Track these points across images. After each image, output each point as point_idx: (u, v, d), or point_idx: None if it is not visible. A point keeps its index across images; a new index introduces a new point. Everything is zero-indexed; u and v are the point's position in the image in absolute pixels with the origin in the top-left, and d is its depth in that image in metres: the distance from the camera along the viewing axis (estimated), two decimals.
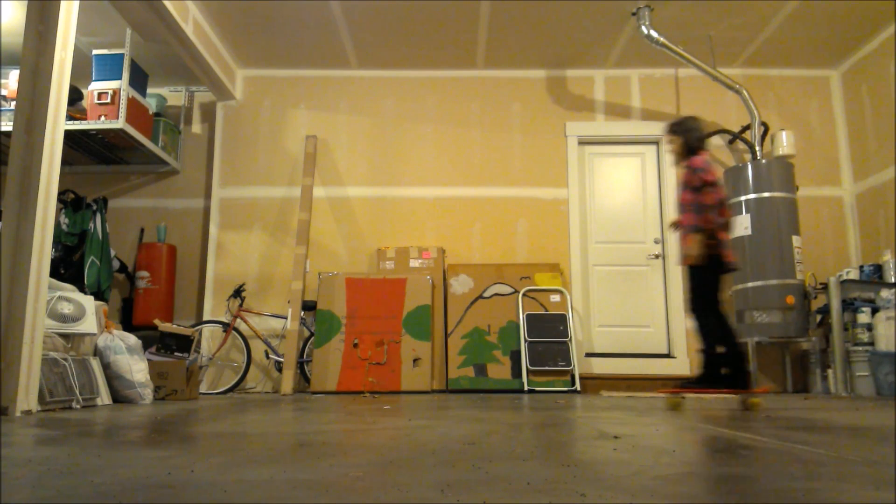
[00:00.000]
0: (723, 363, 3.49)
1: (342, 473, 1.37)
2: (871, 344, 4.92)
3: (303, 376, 5.67)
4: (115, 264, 6.06)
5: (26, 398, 3.09)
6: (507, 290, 5.74)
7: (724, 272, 3.57)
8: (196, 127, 6.65)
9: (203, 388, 5.74)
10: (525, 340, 5.50)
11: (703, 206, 3.50)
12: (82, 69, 5.69)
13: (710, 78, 5.82)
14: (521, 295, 5.68)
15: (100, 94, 5.50)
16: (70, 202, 5.97)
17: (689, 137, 3.71)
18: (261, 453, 1.71)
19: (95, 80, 5.57)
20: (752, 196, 5.52)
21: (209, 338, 5.92)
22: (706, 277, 3.54)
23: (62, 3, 3.40)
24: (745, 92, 5.70)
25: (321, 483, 1.26)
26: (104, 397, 3.91)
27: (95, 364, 3.92)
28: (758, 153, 5.68)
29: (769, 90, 6.31)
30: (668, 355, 5.97)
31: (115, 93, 5.50)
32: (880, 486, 1.22)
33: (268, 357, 5.82)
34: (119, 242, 6.28)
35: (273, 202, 6.24)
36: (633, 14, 5.43)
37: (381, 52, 6.11)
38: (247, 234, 6.18)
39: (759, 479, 1.29)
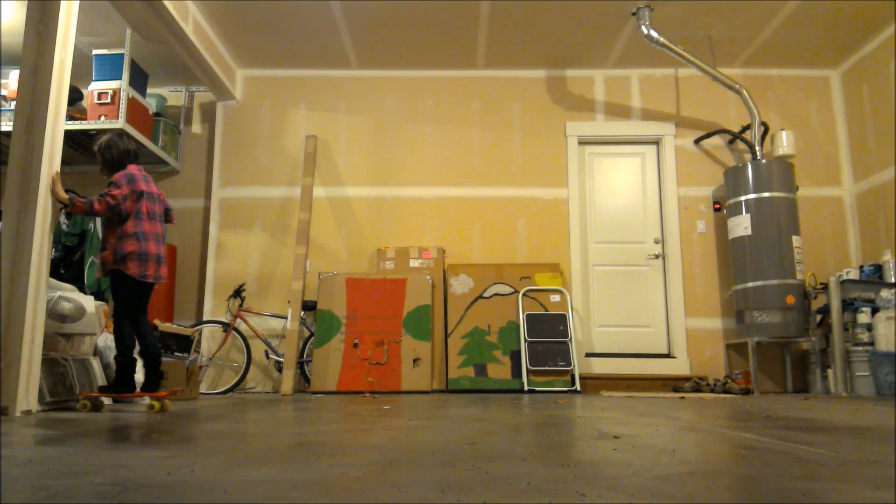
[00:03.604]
0: (128, 369, 3.53)
1: (342, 473, 1.37)
2: (871, 344, 4.92)
3: (303, 376, 5.67)
4: None
5: (26, 398, 3.09)
6: (507, 290, 5.74)
7: (136, 283, 3.57)
8: (196, 127, 6.65)
9: (203, 388, 5.74)
10: (525, 340, 5.50)
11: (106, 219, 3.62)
12: (82, 69, 5.70)
13: (710, 78, 5.82)
14: (521, 295, 5.68)
15: (100, 94, 5.50)
16: None
17: (106, 156, 3.71)
18: (261, 453, 1.71)
19: (95, 80, 5.56)
20: (752, 196, 5.53)
21: (209, 338, 5.92)
22: (115, 288, 3.59)
23: (62, 3, 3.40)
24: (745, 92, 5.70)
25: (321, 483, 1.26)
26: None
27: (95, 364, 3.92)
28: (758, 153, 5.68)
29: (769, 90, 6.31)
30: (668, 355, 5.97)
31: (115, 93, 5.50)
32: (880, 486, 1.22)
33: (268, 357, 5.82)
34: None
35: (273, 202, 6.24)
36: (633, 14, 5.43)
37: (381, 52, 6.11)
38: (247, 234, 6.18)
39: (760, 479, 1.29)
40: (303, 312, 5.71)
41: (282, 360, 5.56)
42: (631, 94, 6.37)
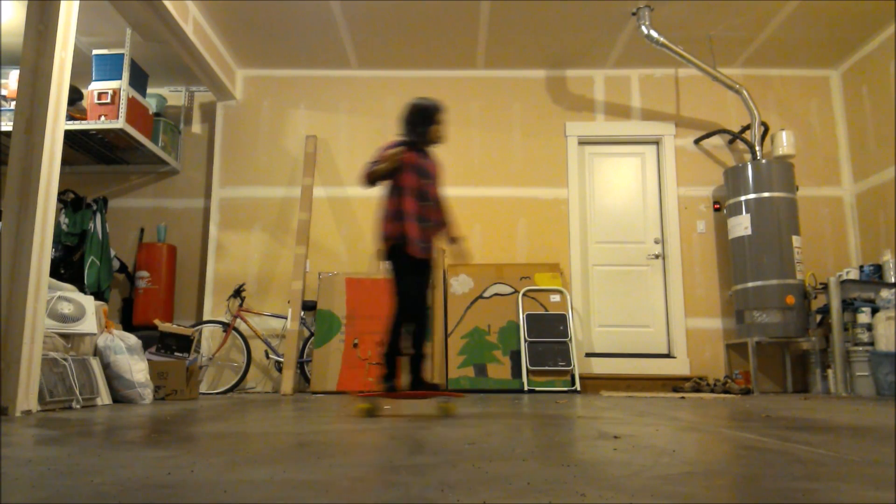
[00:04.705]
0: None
1: (342, 473, 1.37)
2: (871, 344, 4.92)
3: (303, 376, 5.67)
4: (115, 264, 6.06)
5: (26, 398, 3.09)
6: (507, 290, 5.74)
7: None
8: (196, 127, 6.65)
9: (203, 388, 5.74)
10: (525, 340, 5.50)
11: None
12: (82, 69, 5.69)
13: (710, 78, 5.82)
14: (521, 295, 5.68)
15: (100, 94, 5.50)
16: (70, 202, 5.97)
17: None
18: (261, 453, 1.71)
19: (95, 80, 5.56)
20: (752, 196, 5.52)
21: (209, 338, 5.92)
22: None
23: (62, 3, 3.40)
24: (745, 92, 5.70)
25: (321, 483, 1.26)
26: (104, 397, 3.90)
27: (95, 364, 3.92)
28: (758, 153, 5.68)
29: (769, 90, 6.30)
30: (668, 355, 5.96)
31: (115, 93, 5.50)
32: (880, 486, 1.22)
33: (268, 357, 5.82)
34: (119, 242, 6.28)
35: (273, 202, 6.24)
36: (633, 14, 5.43)
37: (381, 52, 6.11)
38: (247, 234, 6.18)
39: (760, 479, 1.29)
40: (303, 312, 5.70)
41: (282, 360, 5.56)
42: (631, 94, 6.37)
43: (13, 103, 5.15)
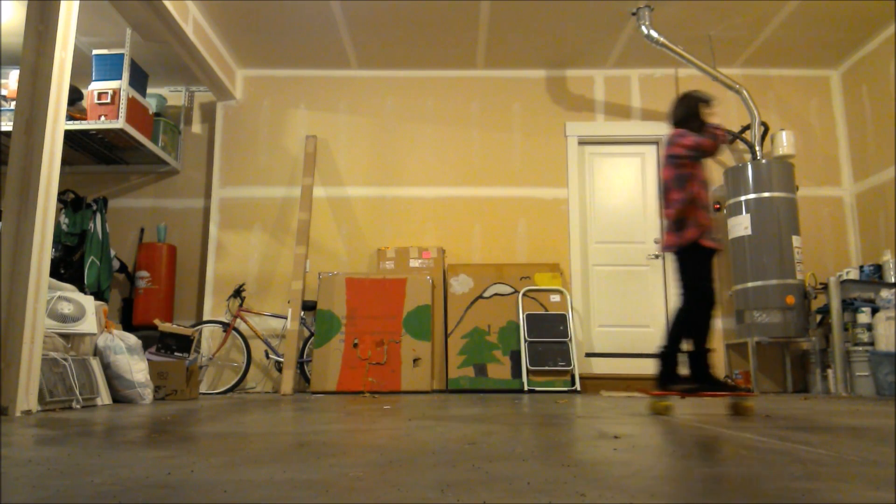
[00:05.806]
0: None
1: (342, 473, 1.37)
2: (871, 344, 4.92)
3: (303, 376, 5.67)
4: (115, 264, 6.06)
5: (26, 398, 3.09)
6: (507, 290, 5.74)
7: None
8: (196, 127, 6.65)
9: (203, 388, 5.74)
10: (525, 340, 5.50)
11: None
12: (82, 69, 5.69)
13: (710, 78, 5.82)
14: (521, 295, 5.68)
15: (100, 94, 5.50)
16: (70, 202, 5.97)
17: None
18: (261, 453, 1.70)
19: (95, 80, 5.56)
20: (752, 196, 5.52)
21: (209, 338, 5.92)
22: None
23: (62, 3, 3.40)
24: (745, 92, 5.70)
25: (321, 483, 1.26)
26: (104, 397, 3.91)
27: (95, 364, 3.92)
28: (758, 153, 5.68)
29: (769, 90, 6.30)
30: None
31: (115, 93, 5.50)
32: (880, 486, 1.22)
33: (268, 357, 5.82)
34: (119, 242, 6.28)
35: (273, 202, 6.24)
36: (633, 14, 5.43)
37: (381, 52, 6.11)
38: (247, 234, 6.18)
39: (760, 479, 1.29)
40: (303, 312, 5.71)
41: (282, 360, 5.56)
42: (631, 94, 6.37)
43: (13, 103, 5.16)
